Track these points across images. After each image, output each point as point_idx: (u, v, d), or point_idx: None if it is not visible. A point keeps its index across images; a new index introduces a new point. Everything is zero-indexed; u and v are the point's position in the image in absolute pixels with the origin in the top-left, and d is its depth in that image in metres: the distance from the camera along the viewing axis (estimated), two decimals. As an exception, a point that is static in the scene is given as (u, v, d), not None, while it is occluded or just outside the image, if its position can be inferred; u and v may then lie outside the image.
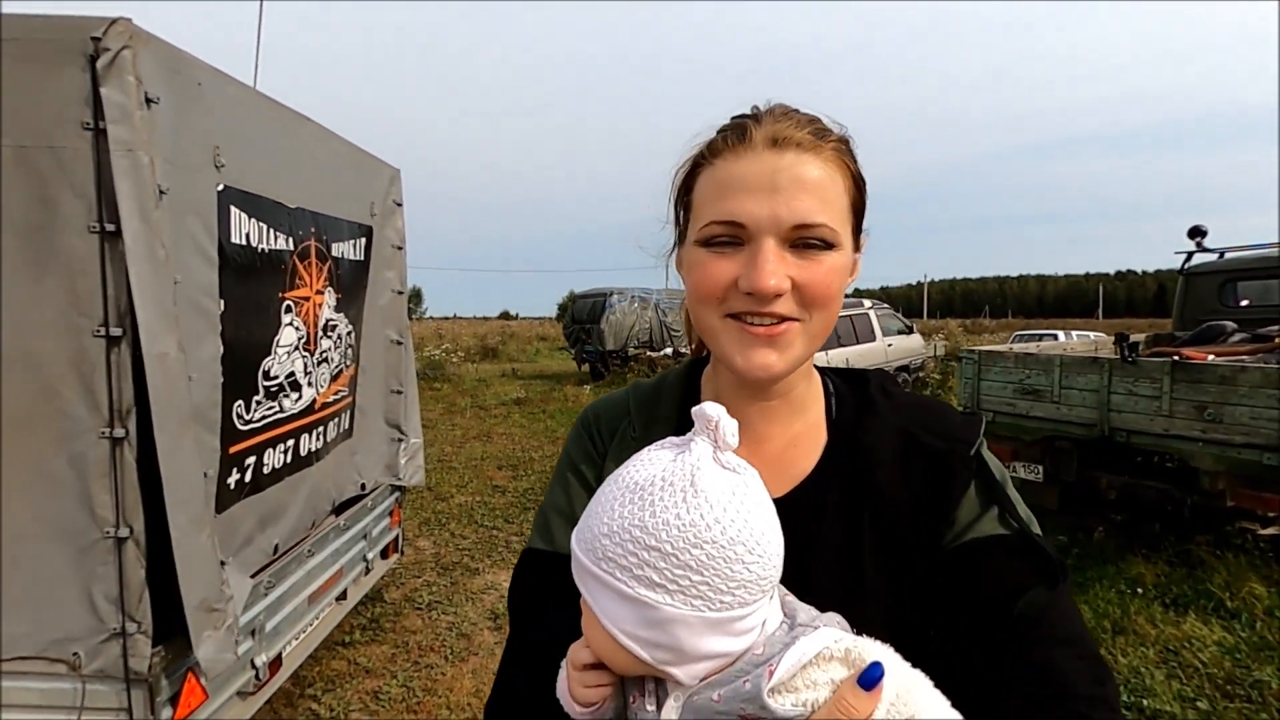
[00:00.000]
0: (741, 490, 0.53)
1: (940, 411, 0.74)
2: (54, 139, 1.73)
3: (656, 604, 0.50)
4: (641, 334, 15.69)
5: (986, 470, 0.68)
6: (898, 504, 0.67)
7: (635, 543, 0.50)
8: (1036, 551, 0.64)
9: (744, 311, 0.64)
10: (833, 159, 0.65)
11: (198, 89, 2.01)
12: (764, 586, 0.52)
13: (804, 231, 0.63)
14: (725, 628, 0.51)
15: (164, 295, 1.74)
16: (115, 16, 1.73)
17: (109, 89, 1.67)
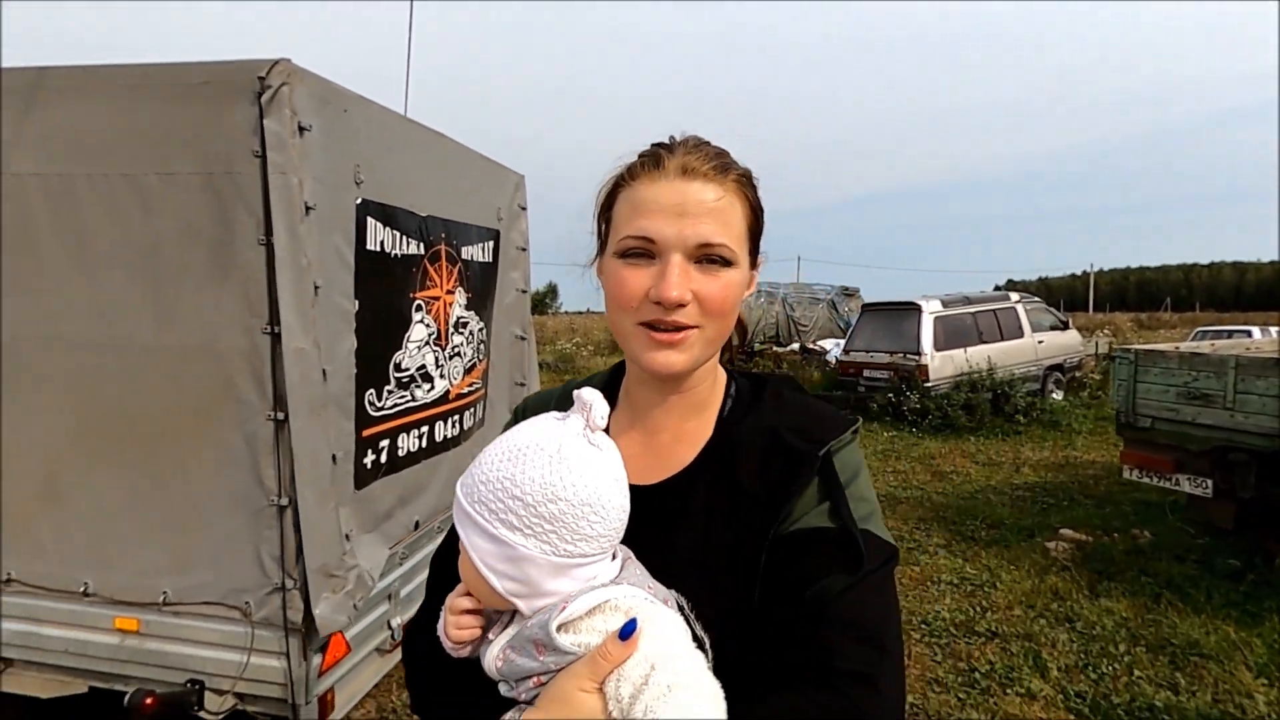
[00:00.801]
0: (599, 463, 0.64)
1: (815, 414, 0.81)
2: (232, 166, 2.03)
3: (514, 543, 0.61)
4: (768, 329, 15.49)
5: (830, 469, 0.75)
6: (752, 495, 0.74)
7: (504, 492, 0.62)
8: (848, 543, 0.70)
9: (652, 320, 0.73)
10: (734, 189, 0.75)
11: (344, 115, 2.27)
12: (604, 545, 0.64)
13: (706, 250, 0.73)
14: (566, 572, 0.62)
15: (304, 298, 2.00)
16: (277, 58, 2.01)
17: (270, 120, 1.95)
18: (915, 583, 4.27)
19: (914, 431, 8.84)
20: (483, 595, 0.66)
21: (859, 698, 0.65)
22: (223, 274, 2.06)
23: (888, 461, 7.44)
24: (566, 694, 0.59)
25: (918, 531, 5.20)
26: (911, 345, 9.86)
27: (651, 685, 0.57)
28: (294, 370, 2.01)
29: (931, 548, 4.85)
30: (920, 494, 6.18)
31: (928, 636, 3.60)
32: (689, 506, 0.77)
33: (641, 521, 0.74)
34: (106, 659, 2.31)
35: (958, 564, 4.55)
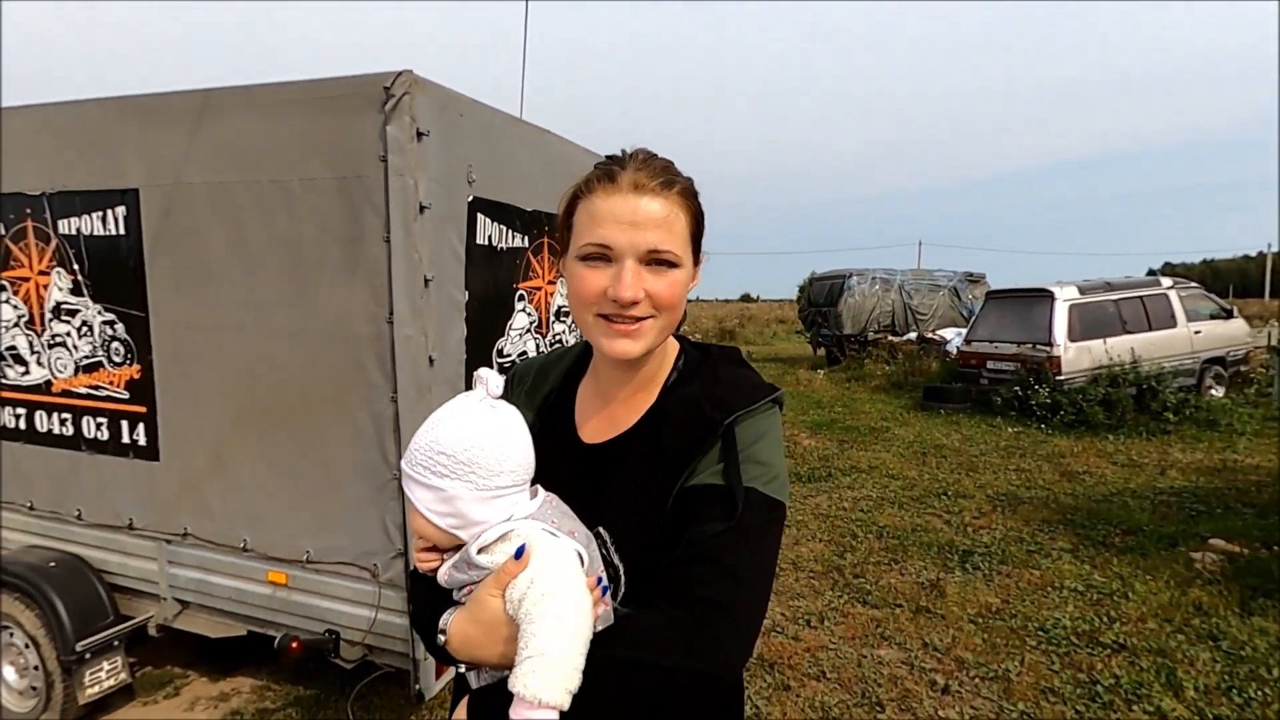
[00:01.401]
0: (497, 419, 0.85)
1: (736, 387, 0.94)
2: (362, 170, 2.25)
3: (444, 487, 0.82)
4: (883, 317, 14.86)
5: (731, 435, 0.88)
6: (670, 456, 0.89)
7: (432, 449, 0.83)
8: (728, 497, 0.84)
9: (611, 314, 0.88)
10: (678, 201, 0.88)
11: (459, 119, 2.44)
12: (514, 479, 0.84)
13: (655, 254, 0.86)
14: (488, 503, 0.83)
15: (414, 290, 2.19)
16: (401, 70, 2.20)
17: (391, 127, 2.14)
18: (1033, 587, 4.02)
19: (1042, 428, 8.24)
20: (431, 536, 0.86)
21: (706, 616, 0.79)
22: (353, 268, 2.29)
23: (1010, 459, 6.99)
24: (480, 597, 0.81)
25: (1040, 534, 4.88)
26: (1042, 335, 9.16)
27: (531, 593, 0.76)
28: (403, 355, 2.21)
29: (1055, 551, 4.54)
30: (1045, 494, 5.78)
31: (1044, 644, 3.39)
32: (622, 463, 0.93)
33: (587, 473, 0.95)
34: (261, 607, 2.64)
35: (1084, 570, 4.24)
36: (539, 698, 0.72)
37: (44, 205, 2.73)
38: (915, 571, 4.27)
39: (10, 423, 2.96)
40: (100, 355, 2.72)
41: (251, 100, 2.36)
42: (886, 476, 6.42)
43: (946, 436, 8.05)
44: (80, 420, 2.81)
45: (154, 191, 2.52)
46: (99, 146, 2.61)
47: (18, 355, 2.89)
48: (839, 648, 3.39)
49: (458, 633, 0.83)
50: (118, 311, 2.65)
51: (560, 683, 0.73)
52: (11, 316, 2.87)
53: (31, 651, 2.84)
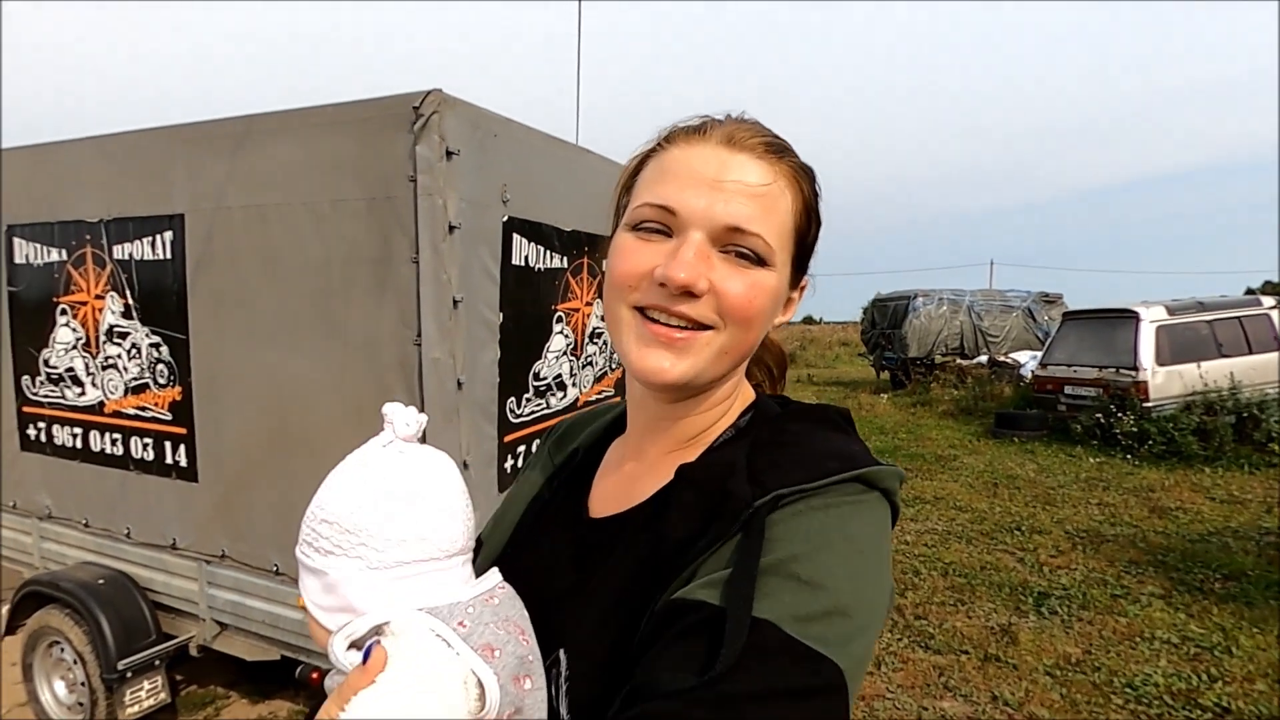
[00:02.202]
0: (404, 466, 0.59)
1: (799, 455, 0.57)
2: (391, 190, 2.21)
3: (328, 568, 0.57)
4: (951, 340, 14.24)
5: (757, 534, 0.52)
6: (672, 549, 0.56)
7: (314, 519, 0.59)
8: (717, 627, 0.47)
9: (651, 305, 0.59)
10: (786, 174, 0.61)
11: (493, 139, 2.40)
12: (421, 551, 0.57)
13: (736, 237, 0.58)
14: (383, 586, 0.56)
15: (442, 311, 2.13)
16: (430, 89, 2.16)
17: (420, 146, 2.10)
18: (1120, 637, 3.64)
19: (1128, 459, 7.64)
20: (320, 640, 0.59)
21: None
22: (382, 290, 2.25)
23: (1092, 492, 6.48)
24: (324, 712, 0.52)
25: (1126, 576, 4.45)
26: (1126, 359, 8.54)
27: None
28: (430, 378, 2.14)
29: (1144, 597, 4.12)
30: (1132, 532, 5.31)
31: (1133, 703, 3.04)
32: (618, 551, 0.62)
33: (576, 560, 0.66)
34: (292, 632, 2.60)
35: (1179, 619, 3.82)
36: None
37: (101, 231, 2.82)
38: (984, 614, 3.94)
39: (68, 442, 3.05)
40: (147, 377, 2.77)
41: (287, 125, 2.38)
42: (954, 508, 6.04)
43: (1020, 466, 7.55)
44: (129, 440, 2.87)
45: (197, 216, 2.56)
46: (150, 174, 2.68)
47: (75, 376, 2.98)
48: (897, 697, 3.13)
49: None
50: (162, 334, 2.70)
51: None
52: (70, 339, 2.97)
53: (79, 668, 2.90)
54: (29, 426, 3.18)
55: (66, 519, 3.14)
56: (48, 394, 3.07)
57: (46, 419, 3.10)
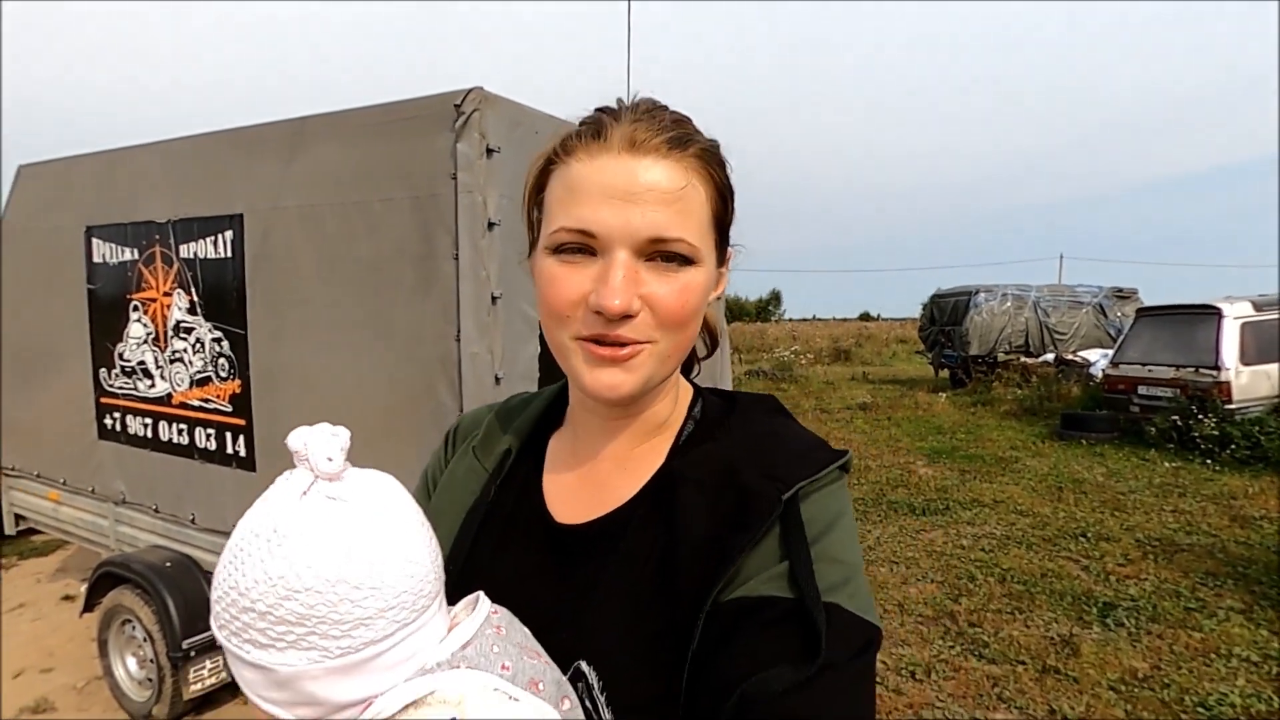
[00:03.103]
0: (340, 521, 0.47)
1: (787, 445, 0.63)
2: (434, 188, 2.25)
3: (271, 665, 0.47)
4: (1014, 337, 13.71)
5: (795, 518, 0.57)
6: (694, 546, 0.58)
7: (235, 606, 0.47)
8: (806, 624, 0.52)
9: (593, 336, 0.59)
10: (694, 167, 0.60)
11: (534, 136, 2.41)
12: (395, 618, 0.48)
13: (660, 245, 0.58)
14: (360, 670, 0.47)
15: (481, 308, 2.15)
16: (471, 87, 2.19)
17: (461, 144, 2.13)
18: (1193, 652, 3.43)
19: (1208, 464, 7.20)
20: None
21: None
22: (426, 287, 2.29)
23: (1167, 498, 6.13)
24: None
25: (1202, 588, 4.19)
26: (1207, 358, 8.05)
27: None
28: (469, 373, 2.17)
29: (1222, 610, 3.87)
30: (1210, 541, 4.99)
31: (1206, 724, 2.87)
32: (617, 558, 0.61)
33: (565, 569, 0.64)
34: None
35: (1260, 636, 3.57)
36: None
37: (169, 231, 2.96)
38: (1044, 624, 3.77)
39: (140, 431, 3.22)
40: (210, 370, 2.90)
41: (338, 125, 2.44)
42: (1014, 512, 5.80)
43: (1088, 470, 7.21)
44: (194, 431, 3.01)
45: (255, 216, 2.66)
46: (211, 176, 2.80)
47: (146, 369, 3.15)
48: (948, 706, 3.02)
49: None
50: (224, 329, 2.82)
51: None
52: (142, 334, 3.14)
53: (149, 645, 3.06)
54: (105, 416, 3.37)
55: (139, 504, 3.32)
56: (122, 386, 3.25)
57: (121, 409, 3.28)
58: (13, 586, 4.72)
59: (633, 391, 0.61)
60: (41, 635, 3.97)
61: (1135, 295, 14.34)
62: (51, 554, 5.30)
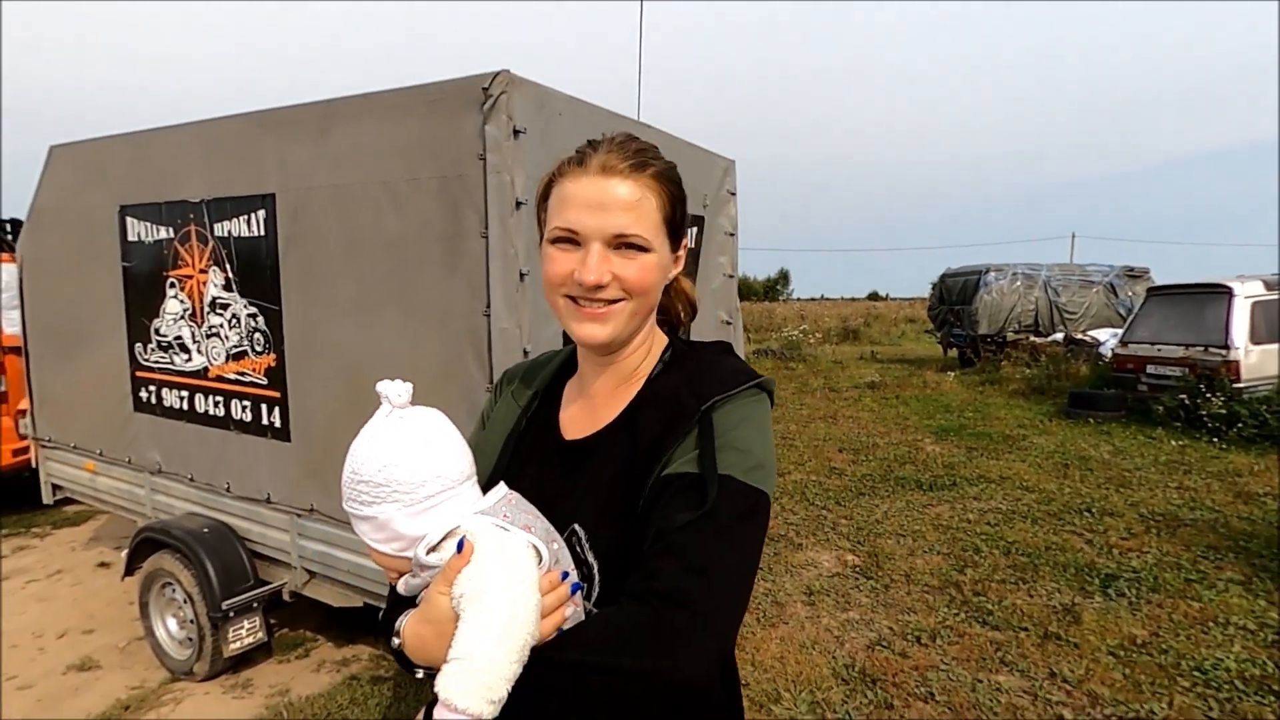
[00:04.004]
0: (402, 431, 0.80)
1: (715, 374, 0.89)
2: (462, 169, 2.34)
3: (376, 515, 0.79)
4: (1024, 316, 13.70)
5: (708, 423, 0.83)
6: (647, 447, 0.85)
7: (351, 481, 0.80)
8: (701, 485, 0.78)
9: (579, 296, 0.85)
10: (649, 184, 0.85)
11: (558, 117, 2.49)
12: (441, 485, 0.79)
13: (622, 239, 0.83)
14: (421, 516, 0.79)
15: (509, 284, 2.24)
16: (499, 70, 2.26)
17: (489, 126, 2.21)
18: (1191, 621, 3.54)
19: (1215, 442, 7.26)
20: (386, 564, 0.84)
21: (666, 612, 0.71)
22: (453, 264, 2.39)
23: (1172, 475, 6.21)
24: (430, 596, 0.78)
25: (1204, 561, 4.29)
26: (1216, 337, 8.08)
27: (468, 590, 0.73)
28: (499, 347, 2.27)
29: (1221, 582, 3.97)
30: (1214, 516, 5.08)
31: (1200, 685, 2.97)
32: (600, 458, 0.90)
33: (564, 470, 0.93)
34: (375, 581, 2.82)
35: (1258, 606, 3.68)
36: (456, 704, 0.68)
37: (204, 211, 3.06)
38: (1046, 594, 3.89)
39: (176, 404, 3.35)
40: (245, 345, 3.02)
41: (367, 107, 2.53)
42: (1020, 488, 5.90)
43: (1094, 448, 7.28)
44: (230, 403, 3.14)
45: (287, 195, 2.76)
46: (245, 156, 2.89)
47: (183, 344, 3.27)
48: (951, 669, 3.15)
49: (411, 634, 0.80)
50: (259, 305, 2.93)
51: (481, 691, 0.69)
52: (179, 310, 3.25)
53: (188, 607, 3.21)
54: (141, 390, 3.50)
55: (174, 474, 3.46)
56: (158, 360, 3.38)
57: (157, 383, 3.41)
58: (49, 554, 4.91)
59: (607, 339, 0.87)
60: (81, 599, 4.15)
61: (1147, 275, 14.28)
62: (84, 524, 5.49)
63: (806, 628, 3.57)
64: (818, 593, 3.96)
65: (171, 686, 3.22)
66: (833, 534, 4.89)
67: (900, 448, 7.41)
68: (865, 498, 5.72)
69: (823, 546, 4.68)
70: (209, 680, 3.22)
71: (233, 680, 3.24)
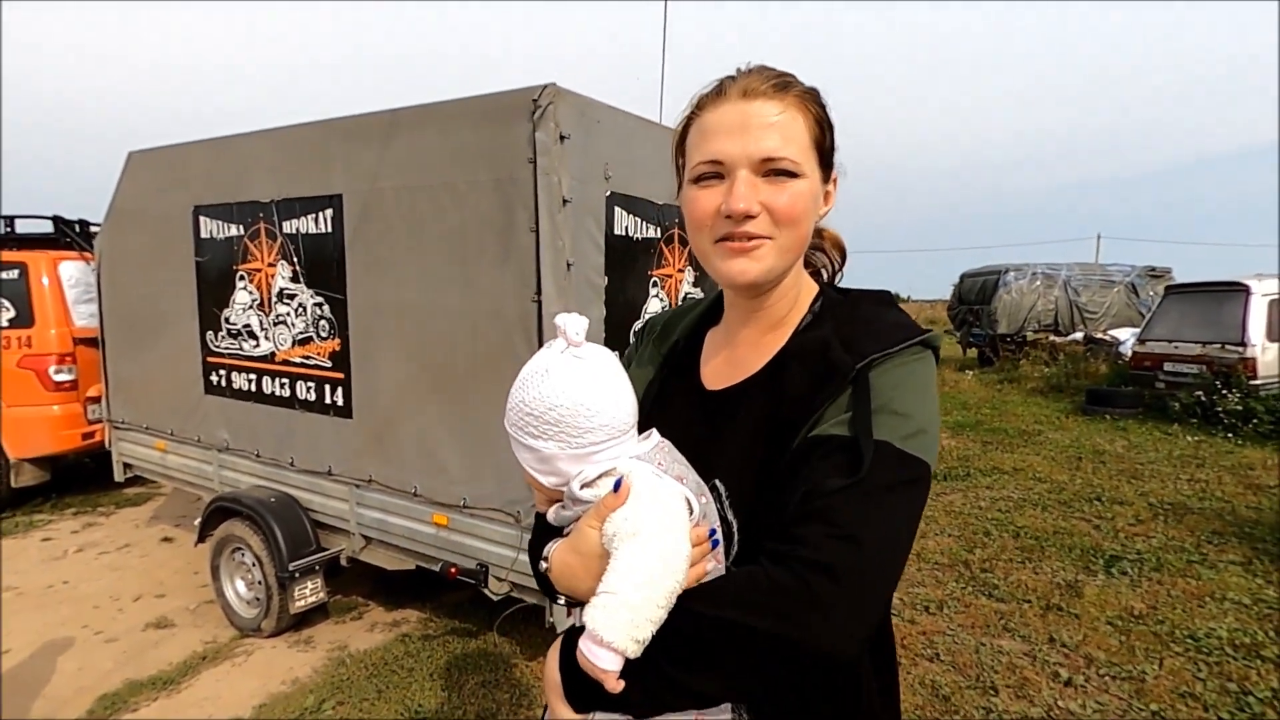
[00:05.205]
0: (581, 371, 0.78)
1: (874, 327, 0.81)
2: (514, 171, 2.62)
3: (538, 448, 0.79)
4: (1044, 316, 13.74)
5: (864, 384, 0.76)
6: (793, 402, 0.80)
7: (520, 411, 0.80)
8: (855, 449, 0.72)
9: (726, 234, 0.81)
10: (795, 104, 0.80)
11: (597, 125, 2.77)
12: (607, 433, 0.78)
13: (770, 164, 0.78)
14: (584, 458, 0.79)
15: (559, 273, 2.53)
16: (547, 83, 2.55)
17: (539, 133, 2.50)
18: (1188, 596, 3.73)
19: (1229, 437, 7.37)
20: (541, 489, 0.85)
21: (813, 581, 0.67)
22: (505, 255, 2.68)
23: (1184, 469, 6.34)
24: (580, 528, 0.78)
25: (1207, 544, 4.46)
26: (1233, 334, 8.17)
27: (622, 529, 0.72)
28: (549, 331, 2.56)
29: (1221, 563, 4.15)
30: (1222, 506, 5.23)
31: (1191, 651, 3.17)
32: (743, 411, 0.85)
33: (704, 421, 0.88)
34: (427, 544, 3.12)
35: (1254, 584, 3.85)
36: (603, 636, 0.69)
37: (273, 210, 3.39)
38: (1051, 571, 4.09)
39: (244, 386, 3.69)
40: (311, 331, 3.33)
41: (428, 116, 2.83)
42: (1032, 479, 6.08)
43: (1110, 443, 7.42)
44: (295, 385, 3.46)
45: (353, 196, 3.07)
46: (313, 161, 3.21)
47: (251, 332, 3.60)
48: (956, 634, 3.38)
49: (559, 562, 0.80)
50: (324, 295, 3.24)
51: (628, 628, 0.69)
52: (247, 300, 3.58)
53: (256, 569, 3.54)
54: (212, 374, 3.84)
55: (241, 451, 3.79)
56: (228, 346, 3.71)
57: (226, 367, 3.74)
58: (116, 530, 5.29)
59: (758, 278, 0.81)
60: (150, 569, 4.51)
61: (1169, 274, 14.25)
62: (144, 504, 5.88)
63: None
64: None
65: (242, 641, 3.55)
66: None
67: (916, 441, 7.59)
68: (881, 486, 5.93)
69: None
70: (275, 636, 3.55)
71: (295, 637, 3.56)
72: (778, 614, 0.68)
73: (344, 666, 3.25)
